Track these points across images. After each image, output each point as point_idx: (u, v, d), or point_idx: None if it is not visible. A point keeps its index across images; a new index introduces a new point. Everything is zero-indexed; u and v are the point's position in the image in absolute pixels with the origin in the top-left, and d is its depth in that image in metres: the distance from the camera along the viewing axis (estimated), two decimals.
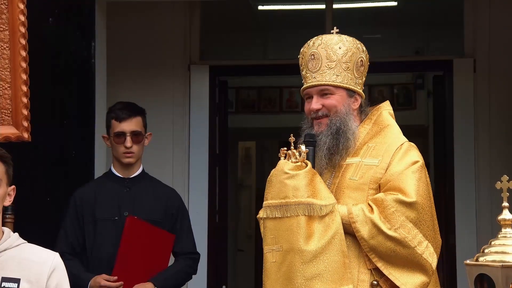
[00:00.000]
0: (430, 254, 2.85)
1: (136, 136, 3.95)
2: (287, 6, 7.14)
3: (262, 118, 8.76)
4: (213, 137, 6.13)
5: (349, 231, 2.85)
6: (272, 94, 8.67)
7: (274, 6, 7.17)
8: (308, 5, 6.99)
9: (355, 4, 6.84)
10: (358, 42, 3.09)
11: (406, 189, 2.85)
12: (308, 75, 3.09)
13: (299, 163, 2.91)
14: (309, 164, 2.92)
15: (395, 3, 6.99)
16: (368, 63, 3.13)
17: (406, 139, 3.02)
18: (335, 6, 6.25)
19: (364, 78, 3.12)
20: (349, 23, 6.76)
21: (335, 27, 3.15)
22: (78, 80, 4.68)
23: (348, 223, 2.84)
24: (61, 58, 4.50)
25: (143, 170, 4.04)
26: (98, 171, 4.65)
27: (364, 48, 3.10)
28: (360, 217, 2.84)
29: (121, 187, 3.98)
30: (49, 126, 4.26)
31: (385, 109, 3.14)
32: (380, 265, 2.84)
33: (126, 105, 4.06)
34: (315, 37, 3.10)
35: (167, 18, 6.02)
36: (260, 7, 7.10)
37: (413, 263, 2.84)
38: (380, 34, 7.45)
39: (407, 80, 8.26)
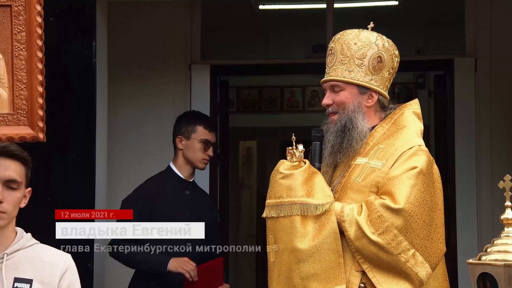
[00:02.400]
0: (417, 263, 2.78)
1: (215, 148, 4.39)
2: (288, 5, 7.14)
3: (263, 118, 8.75)
4: None
5: (341, 230, 2.82)
6: (273, 93, 8.66)
7: (275, 5, 7.17)
8: (309, 5, 6.99)
9: (356, 3, 6.83)
10: (380, 38, 3.01)
11: (396, 195, 2.78)
12: (326, 69, 3.04)
13: (296, 163, 2.89)
14: (307, 163, 2.90)
15: (396, 3, 6.99)
16: (394, 62, 3.04)
17: (419, 142, 2.94)
18: (336, 5, 6.24)
19: (387, 75, 3.02)
20: (350, 22, 6.75)
21: (371, 22, 3.07)
22: (78, 79, 4.67)
23: (339, 221, 2.81)
24: (61, 58, 4.49)
25: None
26: (99, 171, 4.65)
27: (386, 44, 3.02)
28: (349, 217, 2.80)
29: (183, 188, 4.25)
30: (49, 125, 4.24)
31: (410, 108, 3.07)
32: (365, 267, 2.80)
33: (210, 118, 4.54)
34: (339, 32, 3.05)
35: (168, 17, 6.01)
36: (261, 7, 7.10)
37: (397, 270, 2.78)
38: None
39: (408, 79, 8.25)
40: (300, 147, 2.91)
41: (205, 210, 4.34)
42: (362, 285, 2.81)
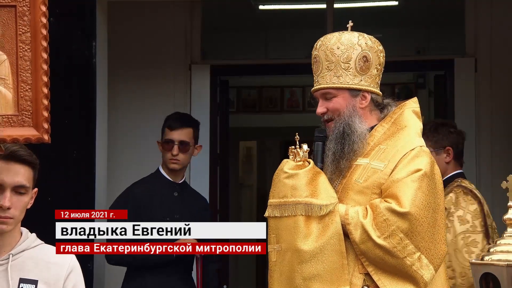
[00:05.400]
0: (422, 266, 2.76)
1: (184, 146, 4.30)
2: (288, 5, 7.14)
3: (263, 118, 8.76)
4: (214, 137, 6.12)
5: (345, 232, 2.80)
6: (273, 93, 8.67)
7: (275, 5, 7.17)
8: (309, 5, 6.99)
9: (356, 3, 6.83)
10: (361, 37, 2.95)
11: (402, 198, 2.76)
12: (314, 78, 3.01)
13: (300, 162, 2.87)
14: (311, 162, 2.88)
15: (396, 3, 6.98)
16: (380, 58, 2.98)
17: (421, 143, 2.90)
18: (336, 5, 6.24)
19: (375, 73, 2.97)
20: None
21: (350, 21, 3.03)
22: (79, 79, 4.67)
23: (343, 224, 2.80)
24: (62, 58, 4.49)
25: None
26: (99, 171, 4.64)
27: (369, 43, 2.95)
28: (354, 220, 2.78)
29: (171, 190, 4.29)
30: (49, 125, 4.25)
31: (409, 107, 3.02)
32: (370, 269, 2.79)
33: (181, 115, 4.50)
34: (320, 38, 3.01)
35: (168, 17, 6.01)
36: (261, 7, 7.09)
37: (402, 273, 2.77)
38: (381, 34, 7.38)
39: (408, 79, 8.25)
40: (305, 146, 2.88)
41: (195, 211, 4.33)
42: (366, 287, 2.80)
